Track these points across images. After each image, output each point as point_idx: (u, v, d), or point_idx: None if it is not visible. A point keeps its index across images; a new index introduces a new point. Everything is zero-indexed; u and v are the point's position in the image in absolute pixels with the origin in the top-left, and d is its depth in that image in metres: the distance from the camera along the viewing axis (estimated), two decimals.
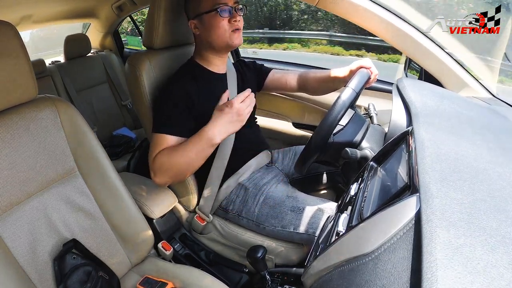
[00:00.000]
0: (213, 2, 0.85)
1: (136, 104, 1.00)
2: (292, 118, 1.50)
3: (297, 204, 0.89)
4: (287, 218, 0.88)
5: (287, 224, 0.88)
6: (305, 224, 0.86)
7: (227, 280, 0.94)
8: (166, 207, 0.99)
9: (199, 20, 0.89)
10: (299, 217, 0.87)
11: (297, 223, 0.87)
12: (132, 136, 1.86)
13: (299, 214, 0.87)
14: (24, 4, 1.37)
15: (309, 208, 0.88)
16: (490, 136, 0.52)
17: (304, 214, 0.87)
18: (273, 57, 1.76)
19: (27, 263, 0.66)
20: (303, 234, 0.86)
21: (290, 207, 0.89)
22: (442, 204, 0.32)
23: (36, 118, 0.71)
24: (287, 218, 0.88)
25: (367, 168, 0.62)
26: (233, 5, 0.87)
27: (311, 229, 0.85)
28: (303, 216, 0.87)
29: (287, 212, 0.89)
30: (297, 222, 0.87)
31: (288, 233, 0.88)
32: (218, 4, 0.85)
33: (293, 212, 0.88)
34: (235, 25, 0.87)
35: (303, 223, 0.86)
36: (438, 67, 0.91)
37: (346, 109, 0.75)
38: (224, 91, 0.96)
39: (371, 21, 0.92)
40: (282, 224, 0.88)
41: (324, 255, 0.49)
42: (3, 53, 0.62)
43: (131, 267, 0.85)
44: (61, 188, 0.75)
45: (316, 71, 1.05)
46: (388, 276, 0.32)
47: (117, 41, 2.22)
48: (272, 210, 0.90)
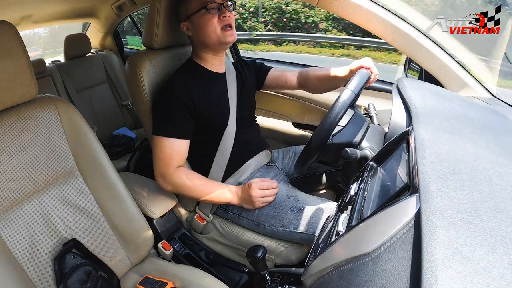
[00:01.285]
0: (202, 1, 0.86)
1: (136, 104, 1.00)
2: (292, 118, 1.50)
3: (297, 204, 0.89)
4: (287, 218, 0.88)
5: (287, 224, 0.88)
6: (305, 224, 0.86)
7: (227, 280, 0.94)
8: (166, 207, 0.99)
9: (190, 21, 0.90)
10: (299, 216, 0.87)
11: (297, 222, 0.87)
12: (132, 136, 1.86)
13: (299, 214, 0.87)
14: (24, 4, 1.37)
15: (309, 208, 0.88)
16: (490, 136, 0.52)
17: (304, 213, 0.87)
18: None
19: (27, 263, 0.66)
20: (303, 234, 0.86)
21: (290, 207, 0.89)
22: (442, 204, 0.32)
23: (36, 118, 0.72)
24: (287, 217, 0.88)
25: (367, 168, 0.62)
26: (222, 1, 0.87)
27: (311, 229, 0.85)
28: (303, 216, 0.87)
29: (287, 212, 0.89)
30: (297, 222, 0.87)
31: (288, 232, 0.88)
32: (206, 2, 0.86)
33: (293, 212, 0.88)
34: (225, 21, 0.88)
35: (303, 223, 0.86)
36: (438, 67, 0.91)
37: (346, 109, 0.75)
38: (223, 90, 0.96)
39: (371, 21, 0.92)
40: (282, 224, 0.88)
41: (324, 255, 0.49)
42: (3, 53, 0.62)
43: (131, 266, 0.85)
44: (61, 188, 0.75)
45: (316, 69, 1.05)
46: (388, 276, 0.32)
47: (117, 41, 2.22)
48: (272, 209, 0.91)
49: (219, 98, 0.95)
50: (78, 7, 1.81)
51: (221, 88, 0.96)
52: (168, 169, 0.89)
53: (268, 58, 1.65)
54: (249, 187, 0.88)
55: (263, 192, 0.89)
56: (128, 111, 2.15)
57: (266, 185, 0.90)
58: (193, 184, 0.90)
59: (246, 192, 0.89)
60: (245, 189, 0.90)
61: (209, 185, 0.92)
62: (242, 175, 0.99)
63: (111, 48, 2.25)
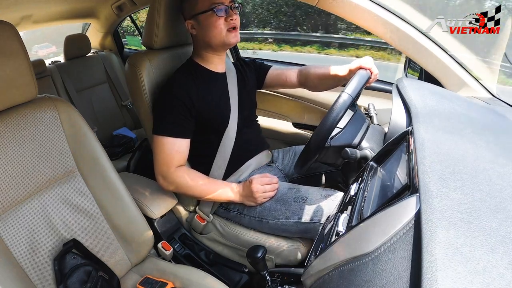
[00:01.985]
0: (210, 2, 0.85)
1: (136, 104, 1.00)
2: (292, 118, 1.50)
3: (300, 195, 0.89)
4: (291, 209, 0.87)
5: (291, 215, 0.87)
6: (310, 213, 0.85)
7: (227, 280, 0.94)
8: (166, 207, 0.99)
9: (196, 20, 0.89)
10: (303, 206, 0.86)
11: (301, 212, 0.86)
12: (132, 136, 1.86)
13: (302, 204, 0.87)
14: (24, 4, 1.37)
15: (312, 197, 0.87)
16: (490, 136, 0.52)
17: (308, 202, 0.87)
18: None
19: (27, 263, 0.66)
20: (308, 223, 0.85)
21: (293, 198, 0.89)
22: (442, 204, 0.32)
23: (36, 118, 0.72)
24: (291, 208, 0.87)
25: (367, 168, 0.62)
26: (229, 4, 0.87)
27: (316, 217, 0.84)
28: (306, 205, 0.86)
29: (291, 203, 0.88)
30: (301, 212, 0.86)
31: (292, 224, 0.87)
32: (214, 4, 0.85)
33: (296, 203, 0.88)
34: (231, 24, 0.88)
35: (308, 212, 0.85)
36: (438, 67, 0.91)
37: (345, 111, 0.75)
38: (224, 90, 0.96)
39: (371, 21, 0.92)
40: (286, 216, 0.88)
41: (324, 255, 0.49)
42: (3, 53, 0.62)
43: (131, 267, 0.85)
44: (61, 188, 0.75)
45: (316, 67, 1.04)
46: (388, 276, 0.32)
47: (117, 41, 2.22)
48: (275, 203, 0.90)
49: (219, 98, 0.95)
50: (78, 7, 1.81)
51: (221, 88, 0.96)
52: (169, 168, 0.89)
53: (268, 58, 1.65)
54: (250, 183, 0.89)
55: (264, 187, 0.89)
56: (128, 111, 2.15)
57: (266, 180, 0.90)
58: (195, 183, 0.90)
59: (248, 188, 0.89)
60: (246, 185, 0.90)
61: (210, 183, 0.92)
62: (242, 175, 0.99)
63: (111, 48, 2.25)
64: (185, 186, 0.90)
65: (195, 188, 0.90)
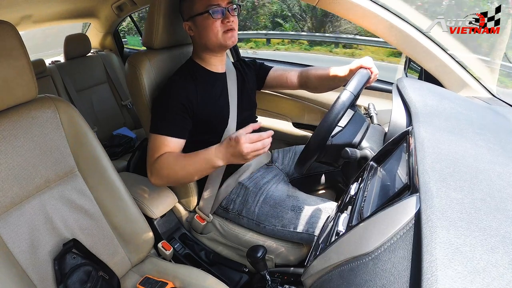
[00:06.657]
0: (206, 3, 0.85)
1: (136, 104, 1.00)
2: (292, 118, 1.50)
3: (297, 204, 0.89)
4: (287, 218, 0.88)
5: (287, 224, 0.88)
6: (304, 223, 0.86)
7: (227, 280, 0.94)
8: (166, 207, 0.99)
9: (193, 22, 0.89)
10: (299, 216, 0.87)
11: (297, 222, 0.87)
12: (132, 136, 1.86)
13: (299, 214, 0.87)
14: (24, 4, 1.37)
15: (309, 208, 0.88)
16: (490, 136, 0.52)
17: (304, 213, 0.87)
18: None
19: (27, 263, 0.66)
20: (303, 234, 0.86)
21: (290, 207, 0.89)
22: (442, 204, 0.32)
23: (36, 118, 0.72)
24: (287, 217, 0.88)
25: (367, 168, 0.62)
26: (226, 5, 0.86)
27: (311, 229, 0.85)
28: (302, 215, 0.87)
29: (287, 212, 0.89)
30: (297, 222, 0.87)
31: (288, 232, 0.88)
32: (210, 6, 0.84)
33: (293, 212, 0.88)
34: (228, 26, 0.87)
35: (303, 223, 0.86)
36: (438, 67, 0.91)
37: (345, 110, 0.75)
38: (223, 90, 0.95)
39: (371, 21, 0.92)
40: (282, 224, 0.88)
41: (324, 255, 0.49)
42: (3, 53, 0.62)
43: (131, 267, 0.85)
44: (61, 188, 0.75)
45: (317, 68, 1.04)
46: (388, 276, 0.32)
47: (117, 41, 2.22)
48: (272, 209, 0.90)
49: (219, 98, 0.95)
50: (78, 7, 1.81)
51: (221, 88, 0.96)
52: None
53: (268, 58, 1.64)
54: (237, 143, 0.75)
55: (254, 145, 0.75)
56: (128, 111, 2.15)
57: (255, 137, 0.76)
58: (175, 164, 0.82)
59: (235, 149, 0.76)
60: (231, 145, 0.77)
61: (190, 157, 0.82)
62: (242, 175, 0.99)
63: (111, 48, 2.25)
64: (167, 170, 0.83)
65: (175, 170, 0.82)
